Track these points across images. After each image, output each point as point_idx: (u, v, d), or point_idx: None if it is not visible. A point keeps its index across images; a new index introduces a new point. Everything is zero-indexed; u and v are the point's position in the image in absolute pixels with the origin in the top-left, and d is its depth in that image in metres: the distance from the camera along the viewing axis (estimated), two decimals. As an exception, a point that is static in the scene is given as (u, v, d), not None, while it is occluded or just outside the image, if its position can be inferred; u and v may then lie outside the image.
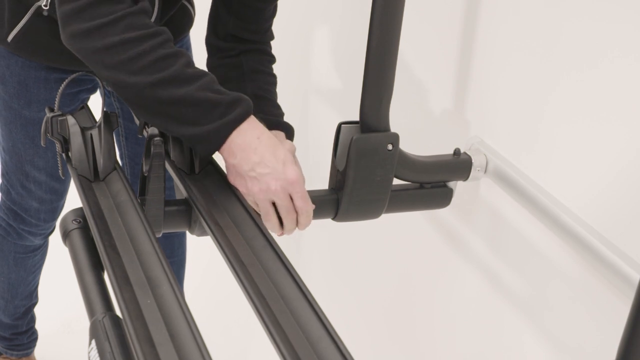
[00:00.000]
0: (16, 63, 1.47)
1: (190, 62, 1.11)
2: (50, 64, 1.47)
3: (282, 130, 1.30)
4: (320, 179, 1.34)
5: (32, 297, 1.93)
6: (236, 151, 1.10)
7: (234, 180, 1.14)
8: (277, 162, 1.10)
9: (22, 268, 1.82)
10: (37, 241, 1.78)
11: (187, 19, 1.56)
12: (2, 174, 1.69)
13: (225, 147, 1.10)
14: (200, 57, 1.45)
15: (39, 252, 1.83)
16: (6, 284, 1.85)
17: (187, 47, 1.65)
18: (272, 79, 1.40)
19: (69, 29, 1.10)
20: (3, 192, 1.71)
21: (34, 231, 1.73)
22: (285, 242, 1.17)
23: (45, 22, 1.39)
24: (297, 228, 1.17)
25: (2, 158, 1.66)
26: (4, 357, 1.98)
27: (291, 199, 1.13)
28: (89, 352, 0.85)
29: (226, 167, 1.15)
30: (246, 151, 1.10)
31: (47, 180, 1.62)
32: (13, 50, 1.45)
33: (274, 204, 1.13)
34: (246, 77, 1.36)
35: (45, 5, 1.36)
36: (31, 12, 1.39)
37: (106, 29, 1.07)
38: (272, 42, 1.43)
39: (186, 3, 1.52)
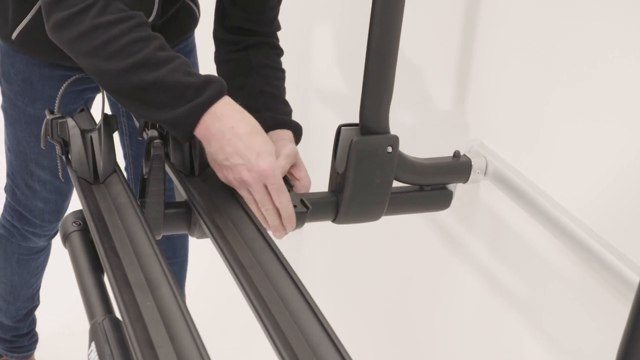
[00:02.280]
0: (21, 61, 1.48)
1: (163, 45, 1.11)
2: (54, 61, 1.47)
3: (290, 129, 1.28)
4: (320, 181, 1.34)
5: (33, 300, 1.92)
6: (211, 140, 1.10)
7: (211, 165, 1.14)
8: (250, 153, 1.09)
9: (25, 270, 1.82)
10: (40, 243, 1.77)
11: (192, 19, 1.56)
12: (7, 174, 1.69)
13: (201, 133, 1.10)
14: (206, 55, 1.46)
15: (42, 254, 1.83)
16: (9, 286, 1.84)
17: (192, 47, 1.65)
18: (280, 74, 1.38)
19: (50, 21, 1.12)
20: (8, 192, 1.70)
21: (38, 232, 1.73)
22: (285, 244, 1.17)
23: None
24: (285, 228, 1.15)
25: (7, 158, 1.66)
26: (4, 359, 1.98)
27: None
28: (88, 355, 0.85)
29: (206, 153, 1.14)
30: (220, 142, 1.09)
31: (52, 180, 1.62)
32: (17, 48, 1.46)
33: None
34: (254, 73, 1.35)
35: None
36: (35, 9, 1.39)
37: (80, 15, 1.08)
38: None
39: (190, 2, 1.52)
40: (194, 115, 1.08)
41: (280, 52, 1.41)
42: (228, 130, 1.09)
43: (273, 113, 1.30)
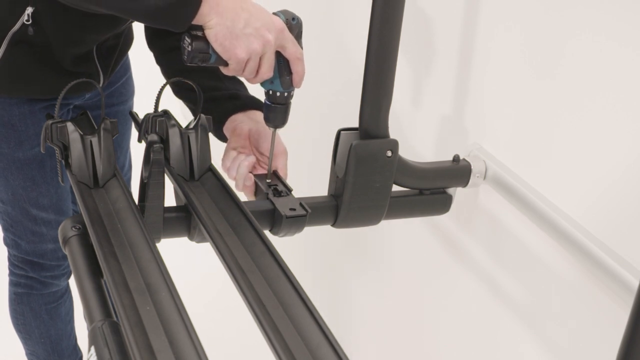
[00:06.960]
0: None
1: None
2: (32, 96, 1.42)
3: (260, 110, 1.31)
4: (319, 185, 1.34)
5: (76, 351, 1.86)
6: (224, 12, 1.08)
7: (230, 44, 1.10)
8: (264, 15, 1.11)
9: (57, 319, 1.75)
10: (62, 283, 1.72)
11: (130, 41, 1.60)
12: (5, 229, 1.60)
13: (213, 9, 1.08)
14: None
15: (67, 296, 1.77)
16: (48, 344, 1.77)
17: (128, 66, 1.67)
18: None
19: None
20: (11, 247, 1.63)
21: (57, 273, 1.67)
22: (283, 248, 1.17)
23: (22, 51, 1.34)
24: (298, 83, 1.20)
25: (2, 212, 1.58)
26: None
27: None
28: (88, 359, 0.85)
29: (215, 34, 1.10)
30: (234, 10, 1.09)
31: (56, 218, 1.57)
32: None
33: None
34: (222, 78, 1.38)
35: (27, 21, 1.30)
36: (6, 43, 1.33)
37: None
38: None
39: (128, 32, 1.55)
40: None
41: None
42: (238, 0, 1.10)
43: (244, 93, 1.34)
